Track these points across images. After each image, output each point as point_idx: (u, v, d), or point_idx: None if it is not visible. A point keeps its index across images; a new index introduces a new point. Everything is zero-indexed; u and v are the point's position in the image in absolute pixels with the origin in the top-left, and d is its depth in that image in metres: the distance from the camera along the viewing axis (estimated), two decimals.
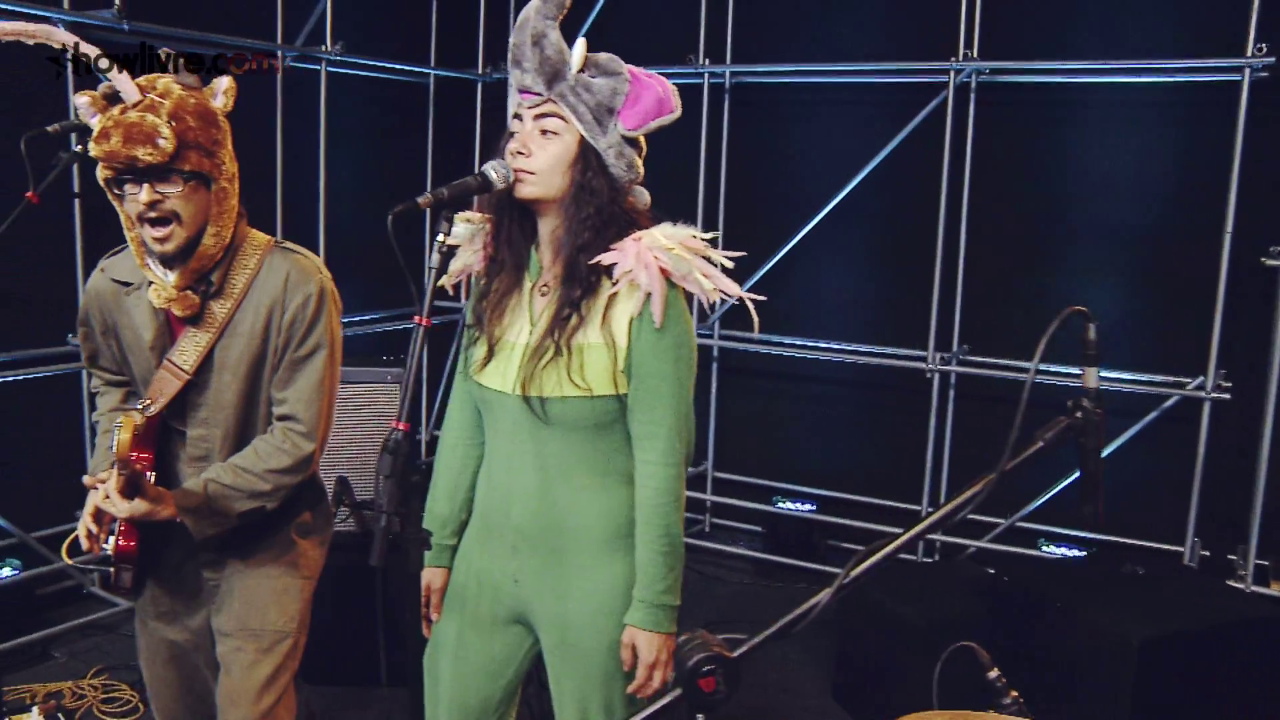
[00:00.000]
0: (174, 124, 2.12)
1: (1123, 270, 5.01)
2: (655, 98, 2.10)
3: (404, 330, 6.12)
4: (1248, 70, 4.43)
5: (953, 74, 4.96)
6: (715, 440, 5.97)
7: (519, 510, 2.18)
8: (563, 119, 2.06)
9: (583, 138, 2.07)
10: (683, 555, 2.17)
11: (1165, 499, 4.86)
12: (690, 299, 2.17)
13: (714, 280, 2.08)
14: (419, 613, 1.96)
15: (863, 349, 5.38)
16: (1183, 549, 4.78)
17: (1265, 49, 4.39)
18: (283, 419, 2.35)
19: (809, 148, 5.56)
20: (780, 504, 5.70)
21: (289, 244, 2.40)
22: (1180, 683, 3.39)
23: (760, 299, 2.15)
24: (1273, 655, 3.51)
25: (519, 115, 2.11)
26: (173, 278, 2.25)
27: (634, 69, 2.11)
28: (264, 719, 2.44)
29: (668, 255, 2.04)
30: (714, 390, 5.91)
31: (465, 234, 2.26)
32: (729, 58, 5.55)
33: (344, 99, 5.25)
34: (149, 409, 2.09)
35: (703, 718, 1.35)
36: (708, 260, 2.10)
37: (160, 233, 2.17)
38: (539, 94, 2.06)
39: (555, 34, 2.05)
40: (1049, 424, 1.37)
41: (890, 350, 5.32)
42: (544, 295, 2.16)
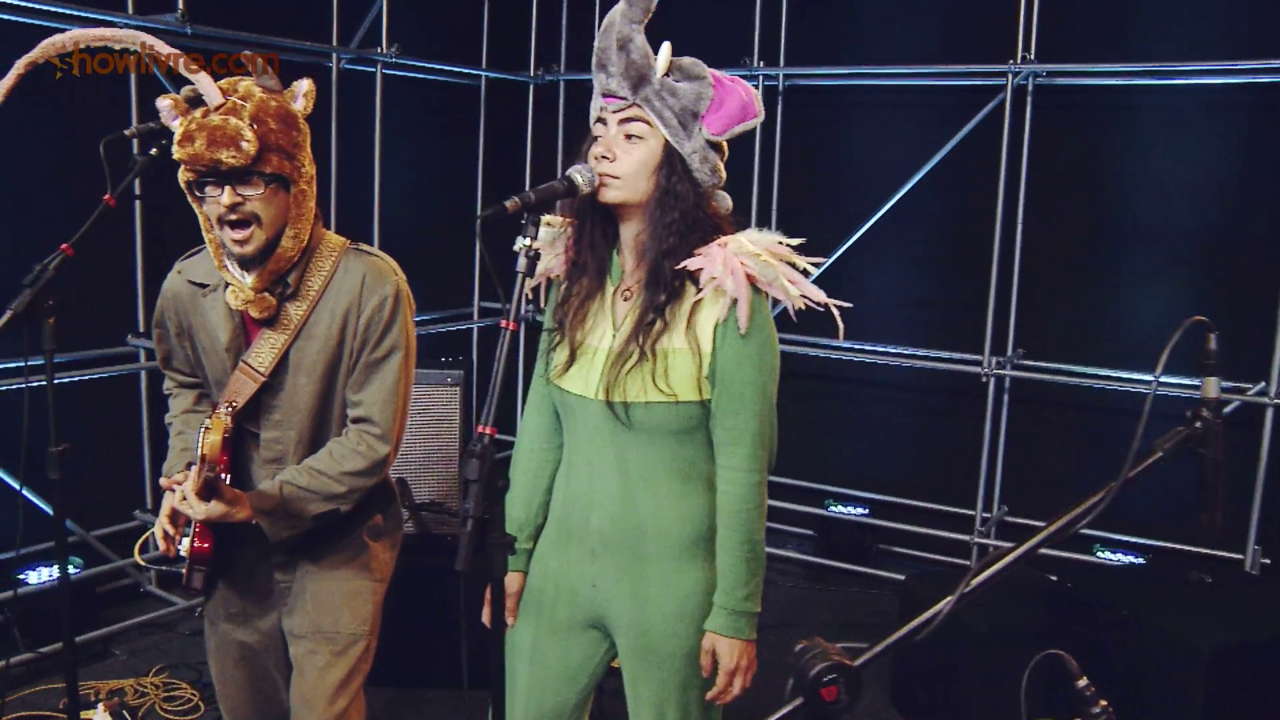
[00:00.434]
0: (256, 127, 2.13)
1: (1181, 275, 4.95)
2: (739, 102, 2.10)
3: (458, 332, 6.13)
4: None
5: (1010, 77, 4.91)
6: None
7: (599, 515, 2.17)
8: (648, 123, 2.06)
9: (667, 142, 2.06)
10: (764, 562, 2.17)
11: (1225, 506, 4.78)
12: (774, 304, 2.16)
13: (799, 286, 2.08)
14: (503, 617, 1.95)
15: (917, 353, 5.34)
16: (1243, 556, 4.72)
17: None
18: (358, 421, 2.35)
19: (862, 150, 5.53)
20: (833, 508, 5.67)
21: (364, 246, 2.40)
22: (1251, 693, 3.33)
23: (846, 305, 2.13)
24: None
25: (602, 119, 2.10)
26: (250, 279, 2.26)
27: (716, 73, 2.11)
28: None
29: (754, 261, 2.04)
30: None
31: (546, 238, 2.25)
32: (782, 60, 5.53)
33: (396, 101, 5.27)
34: (234, 412, 2.08)
35: None
36: (791, 266, 2.10)
37: (240, 235, 2.18)
38: (624, 98, 2.06)
39: (641, 38, 2.05)
40: (1168, 434, 1.35)
41: (945, 354, 5.28)
42: (626, 300, 2.15)
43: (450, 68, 5.72)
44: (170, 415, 2.59)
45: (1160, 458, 1.33)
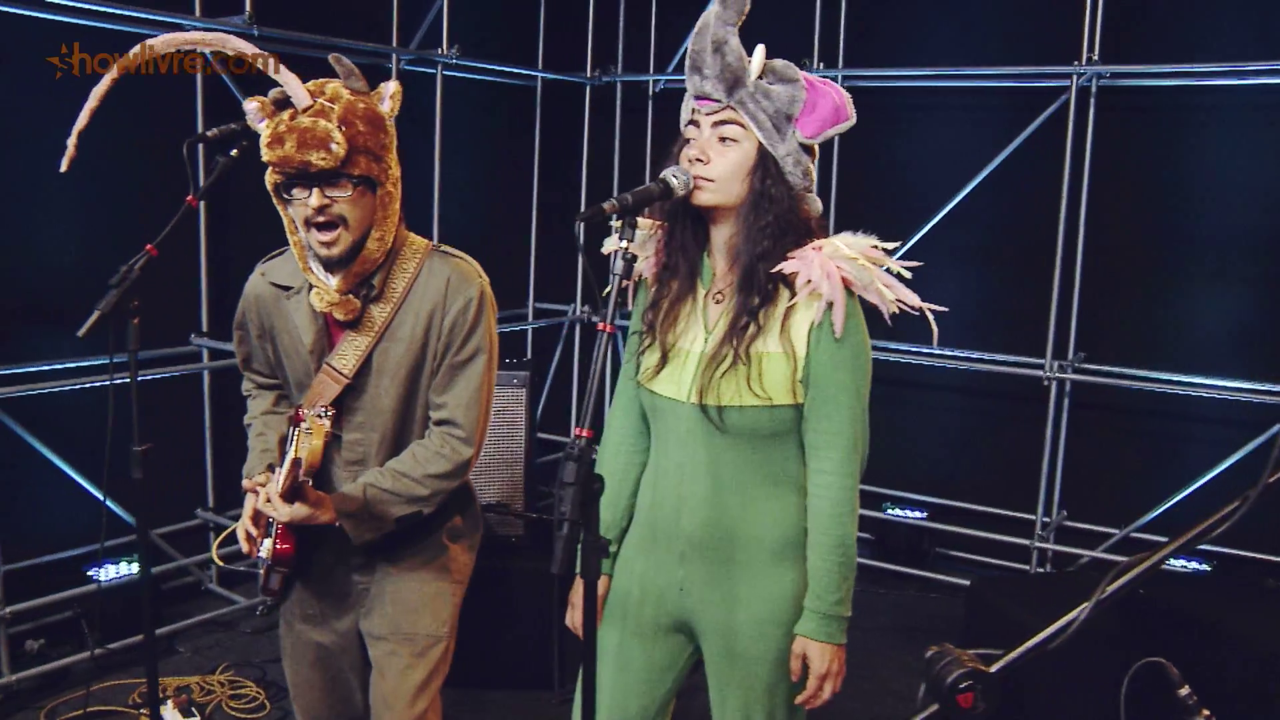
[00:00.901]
0: (344, 129, 2.12)
1: (1245, 278, 4.87)
2: (832, 105, 2.09)
3: (514, 333, 6.14)
4: None
5: (1074, 78, 4.85)
6: None
7: (689, 518, 2.16)
8: (742, 126, 2.05)
9: (761, 145, 2.05)
10: (855, 566, 2.15)
11: None
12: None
13: (894, 290, 2.06)
14: (595, 619, 1.94)
15: (978, 356, 5.29)
16: None
17: None
18: (441, 423, 2.34)
19: (921, 153, 5.48)
20: (891, 511, 5.63)
21: (448, 248, 2.40)
22: None
23: (940, 309, 2.11)
24: None
25: (695, 121, 2.10)
26: (335, 281, 2.26)
27: (808, 75, 2.10)
28: None
29: (850, 265, 2.02)
30: None
31: (635, 240, 2.24)
32: (841, 61, 5.49)
33: (453, 101, 5.27)
34: (334, 416, 2.05)
35: None
36: (885, 270, 2.08)
37: (327, 237, 2.18)
38: (718, 101, 2.05)
39: (735, 40, 2.04)
40: None
41: (1006, 357, 5.22)
42: (718, 303, 2.14)
43: (507, 68, 5.72)
44: (249, 416, 2.60)
45: None
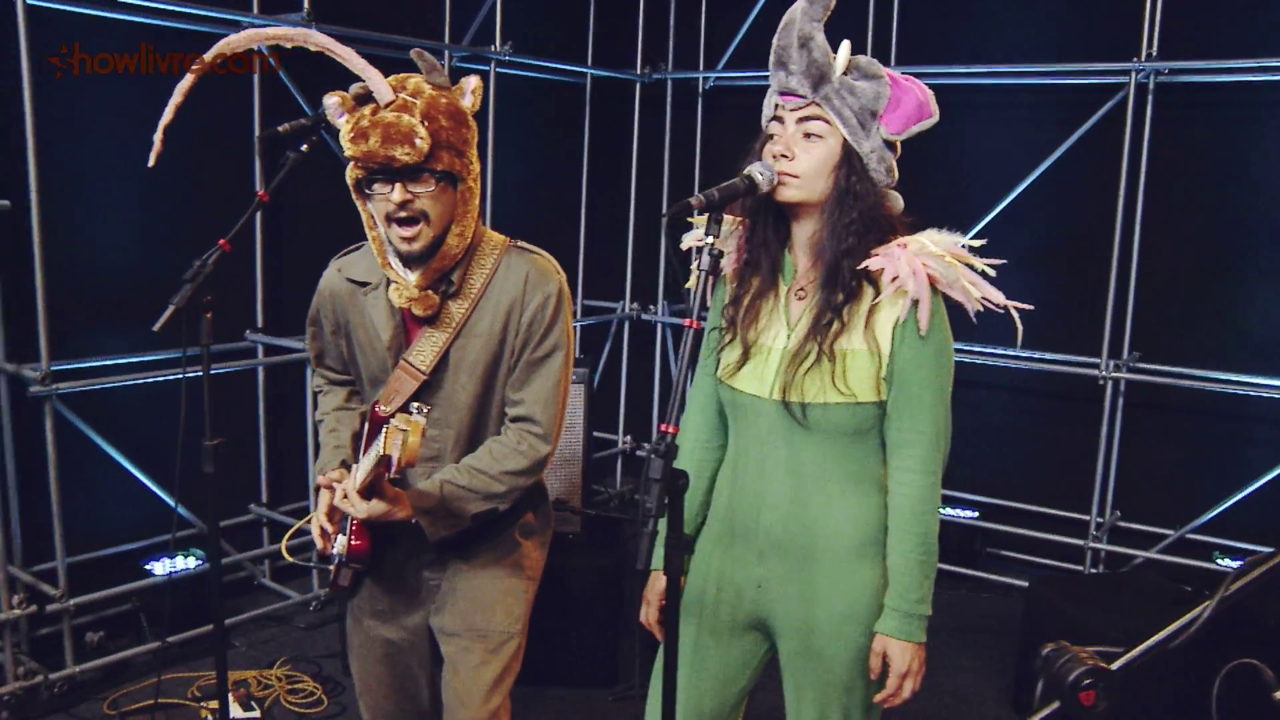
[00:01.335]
0: (427, 124, 2.12)
1: None
2: (916, 102, 2.08)
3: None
4: None
5: (1133, 74, 4.80)
6: None
7: (769, 515, 2.15)
8: (827, 122, 2.04)
9: (846, 141, 2.04)
10: (936, 565, 2.13)
11: None
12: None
13: (979, 288, 2.05)
14: (676, 616, 1.93)
15: (1032, 355, 5.23)
16: None
17: None
18: (518, 420, 2.33)
19: (975, 150, 5.43)
20: (943, 511, 5.55)
21: (525, 244, 2.39)
22: None
23: (1026, 307, 2.10)
24: None
25: (779, 118, 2.08)
26: (414, 277, 2.25)
27: (891, 72, 2.08)
28: (492, 719, 2.45)
29: (936, 262, 2.01)
30: None
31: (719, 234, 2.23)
32: (894, 59, 5.44)
33: (503, 98, 5.27)
34: (429, 412, 2.03)
35: None
36: (970, 268, 2.07)
37: (409, 232, 2.17)
38: (803, 97, 2.04)
39: (821, 36, 2.02)
40: None
41: (1061, 356, 5.16)
42: (801, 299, 2.12)
43: (557, 65, 5.71)
44: (321, 412, 2.60)
45: None
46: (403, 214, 2.15)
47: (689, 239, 2.28)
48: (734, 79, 6.00)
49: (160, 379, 4.14)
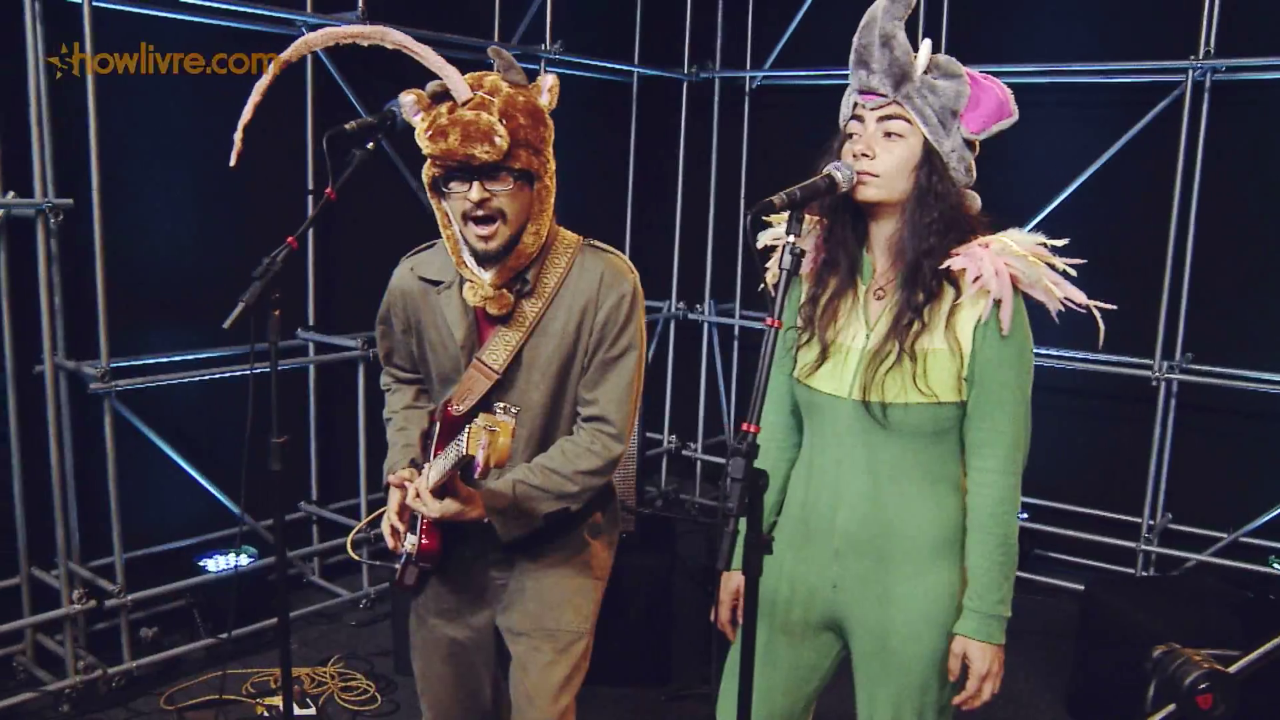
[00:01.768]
0: (505, 122, 2.11)
1: None
2: (996, 101, 2.07)
3: None
4: None
5: (1190, 73, 4.74)
6: None
7: (846, 515, 2.14)
8: (908, 121, 2.02)
9: (927, 141, 2.02)
10: (1016, 566, 2.12)
11: None
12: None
13: (1061, 288, 2.03)
14: (754, 616, 1.91)
15: (1084, 356, 5.18)
16: None
17: None
18: (591, 420, 2.32)
19: (1028, 149, 5.37)
20: None
21: (598, 243, 2.38)
22: None
23: (1109, 307, 2.07)
24: None
25: (859, 116, 2.07)
26: (489, 276, 2.25)
27: (971, 71, 2.07)
28: (561, 719, 2.44)
29: (1019, 262, 1.99)
30: None
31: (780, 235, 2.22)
32: None
33: None
34: (512, 411, 2.01)
35: None
36: (1051, 267, 2.05)
37: (486, 231, 2.17)
38: (885, 96, 2.02)
39: (903, 34, 2.01)
40: None
41: (1114, 357, 5.11)
42: (879, 299, 2.11)
43: (604, 63, 5.70)
44: (389, 411, 2.60)
45: None
46: (480, 212, 2.15)
47: (765, 237, 2.27)
48: (781, 78, 5.96)
49: (223, 375, 4.17)
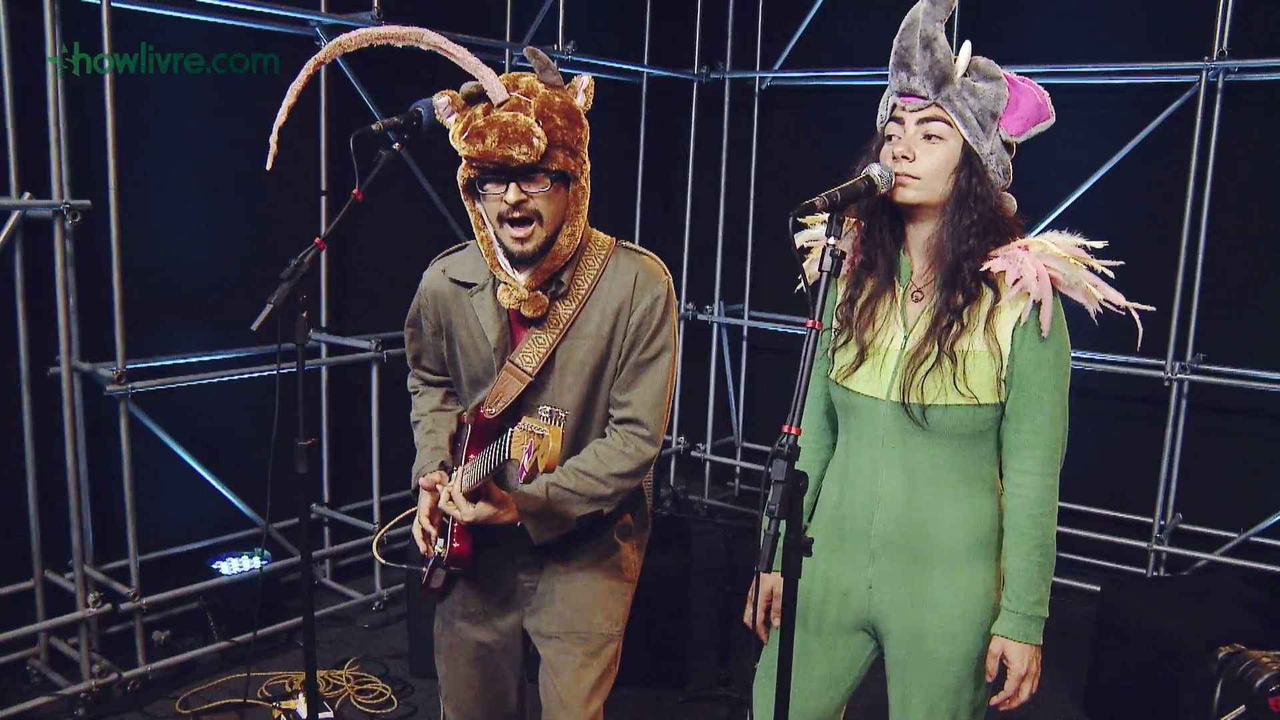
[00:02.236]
0: (542, 123, 2.10)
1: None
2: (1034, 103, 2.08)
3: None
4: None
5: (1203, 74, 4.74)
6: None
7: (883, 516, 2.14)
8: (948, 123, 2.02)
9: (966, 143, 2.02)
10: (1053, 567, 2.11)
11: None
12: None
13: (1100, 290, 2.03)
14: (792, 618, 1.91)
15: (1096, 357, 5.18)
16: None
17: None
18: (624, 422, 2.31)
19: (1039, 150, 5.33)
20: None
21: (631, 244, 2.37)
22: None
23: (1148, 309, 2.07)
24: None
25: (899, 118, 2.06)
26: (524, 278, 2.23)
27: (1008, 73, 2.07)
28: None
29: (1060, 264, 2.00)
30: None
31: (818, 236, 2.22)
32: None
33: None
34: (559, 416, 1.97)
35: None
36: (1089, 269, 2.05)
37: (522, 232, 2.15)
38: (925, 98, 2.02)
39: (944, 37, 2.02)
40: None
41: (1127, 358, 5.11)
42: (917, 301, 2.11)
43: (617, 64, 5.69)
44: (417, 413, 2.58)
45: None
46: (516, 214, 2.13)
47: (800, 239, 2.26)
48: (791, 79, 5.95)
49: (238, 377, 4.14)
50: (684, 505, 5.78)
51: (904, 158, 2.02)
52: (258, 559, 4.37)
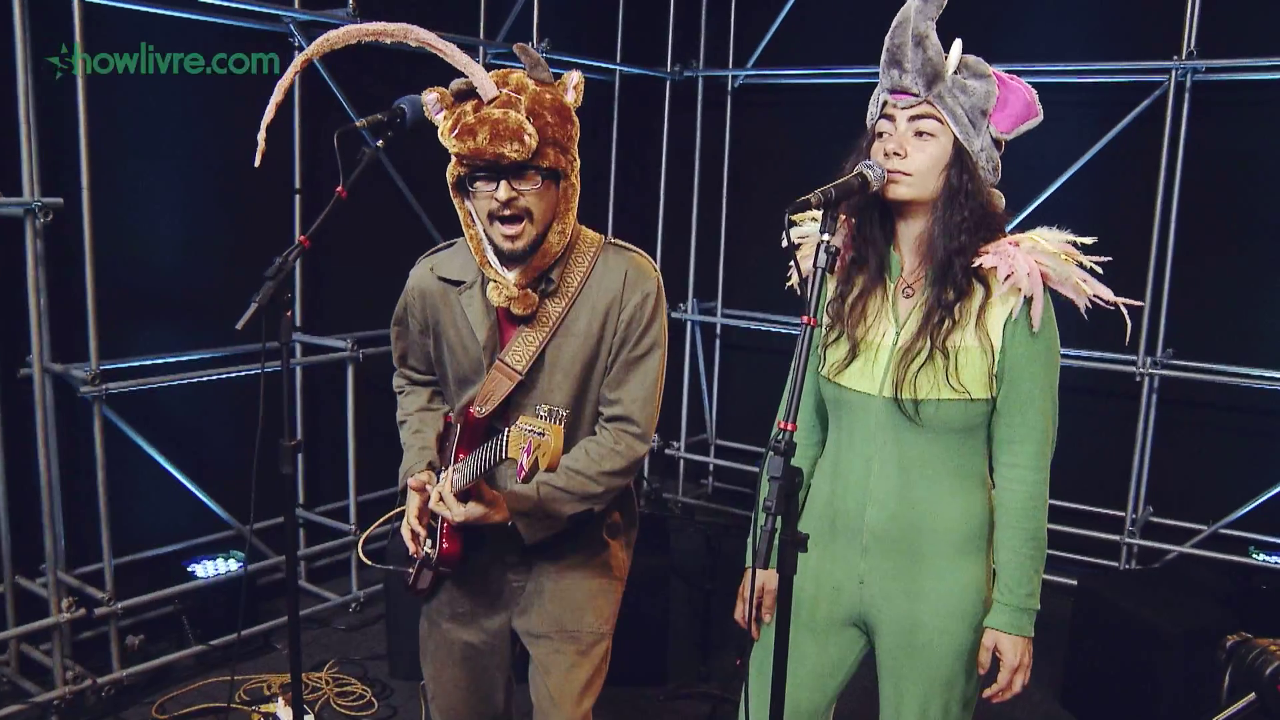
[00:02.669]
0: (533, 120, 2.09)
1: None
2: (1023, 101, 2.10)
3: None
4: None
5: (1172, 73, 4.79)
6: None
7: (875, 511, 2.15)
8: (940, 121, 2.04)
9: (957, 140, 2.03)
10: (1045, 560, 2.13)
11: None
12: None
13: (1090, 286, 2.05)
14: (788, 614, 1.91)
15: (1068, 353, 5.22)
16: None
17: None
18: (615, 419, 2.30)
19: (1011, 148, 5.40)
20: None
21: (620, 241, 2.36)
22: None
23: (1137, 304, 2.09)
24: None
25: (890, 116, 2.07)
26: (513, 276, 2.22)
27: (997, 71, 2.09)
28: None
29: (1050, 259, 2.01)
30: None
31: (815, 232, 2.21)
32: None
33: None
34: (559, 414, 1.96)
35: None
36: (1079, 265, 2.07)
37: (512, 230, 2.14)
38: (916, 95, 2.03)
39: (935, 35, 2.03)
40: None
41: (1099, 354, 5.15)
42: (908, 297, 2.12)
43: (589, 62, 5.67)
44: (403, 413, 2.55)
45: None
46: (507, 212, 2.12)
47: (791, 235, 2.26)
48: (764, 77, 5.96)
49: (214, 378, 4.09)
50: (658, 503, 5.77)
51: (896, 154, 2.03)
52: (234, 561, 4.32)
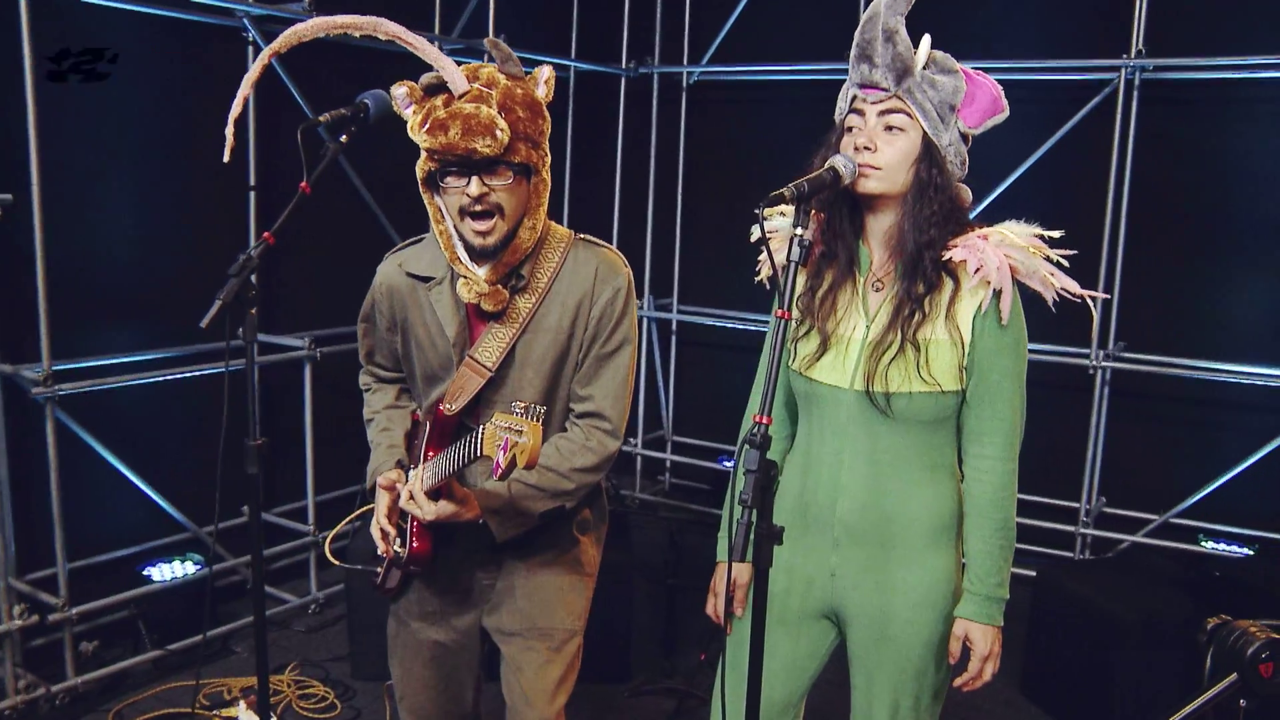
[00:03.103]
0: (504, 115, 2.07)
1: None
2: (990, 96, 2.13)
3: None
4: None
5: (1122, 71, 4.87)
6: None
7: (847, 504, 2.17)
8: (909, 115, 2.05)
9: (926, 134, 2.05)
10: (1013, 549, 2.16)
11: None
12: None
13: (1057, 279, 2.07)
14: (764, 608, 1.92)
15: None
16: None
17: None
18: (586, 416, 2.30)
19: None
20: None
21: (590, 237, 2.35)
22: None
23: (1103, 296, 2.12)
24: None
25: (859, 110, 2.08)
26: (483, 272, 2.21)
27: (964, 67, 2.11)
28: (558, 719, 2.42)
29: (1019, 253, 2.03)
30: None
31: (785, 227, 2.23)
32: None
33: None
34: (536, 411, 1.89)
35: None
36: (1046, 258, 2.09)
37: (483, 226, 2.13)
38: (887, 90, 2.04)
39: (904, 30, 2.05)
40: None
41: (1052, 347, 5.22)
42: (878, 291, 2.13)
43: (543, 58, 5.64)
44: (370, 411, 2.53)
45: None
46: (478, 208, 2.11)
47: (756, 231, 2.26)
48: (718, 74, 5.97)
49: (169, 378, 4.03)
50: (616, 499, 5.77)
51: (866, 148, 2.04)
52: (190, 564, 4.27)
